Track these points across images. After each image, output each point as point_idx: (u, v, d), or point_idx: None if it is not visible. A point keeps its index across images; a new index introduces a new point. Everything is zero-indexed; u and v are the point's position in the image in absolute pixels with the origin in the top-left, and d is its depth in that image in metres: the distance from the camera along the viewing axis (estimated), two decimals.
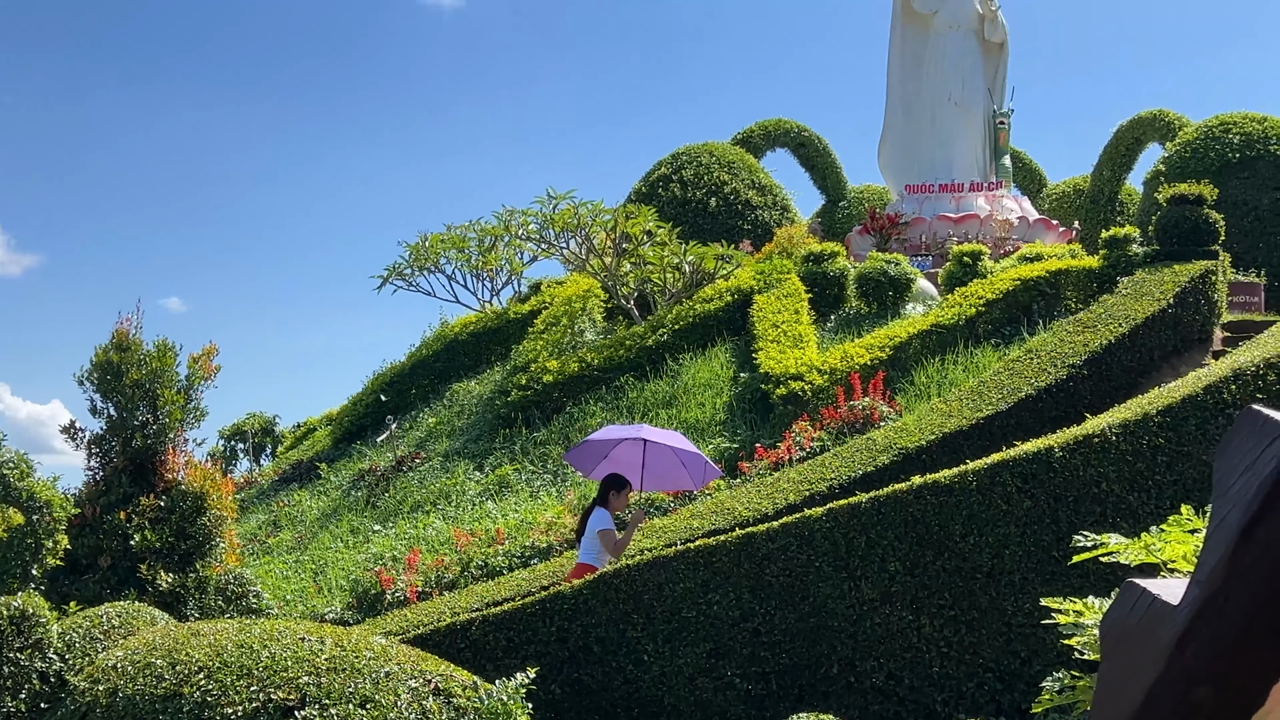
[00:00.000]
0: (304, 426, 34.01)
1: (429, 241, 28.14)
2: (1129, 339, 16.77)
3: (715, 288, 22.71)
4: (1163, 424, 11.94)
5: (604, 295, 24.82)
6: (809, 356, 18.41)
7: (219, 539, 13.01)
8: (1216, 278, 19.14)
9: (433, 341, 26.24)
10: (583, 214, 24.61)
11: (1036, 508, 11.25)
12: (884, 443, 14.57)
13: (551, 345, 22.00)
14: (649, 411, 18.98)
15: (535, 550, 14.61)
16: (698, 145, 34.22)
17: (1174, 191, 20.50)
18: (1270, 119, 28.07)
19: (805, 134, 38.72)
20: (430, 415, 22.80)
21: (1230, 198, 24.17)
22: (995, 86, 33.56)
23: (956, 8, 33.31)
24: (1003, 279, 20.24)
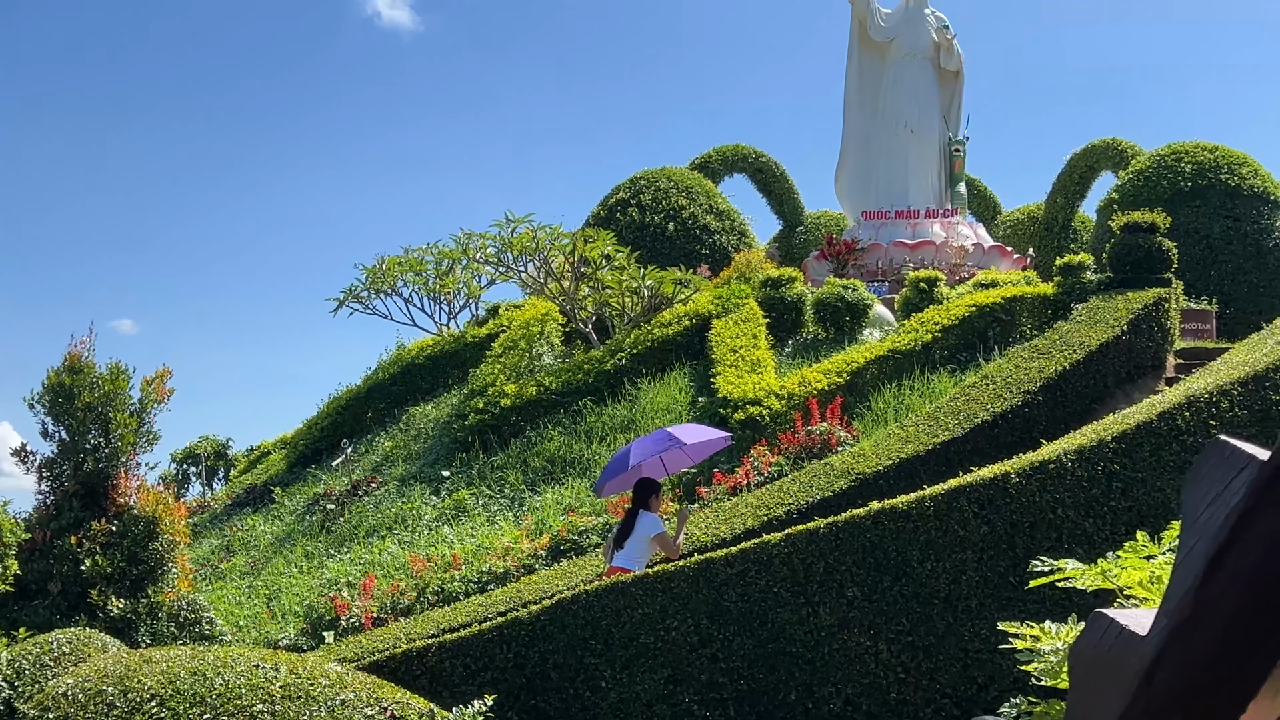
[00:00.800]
0: (258, 450, 33.73)
1: (386, 264, 28.02)
2: (1083, 365, 16.91)
3: (673, 312, 22.73)
4: (1118, 450, 12.05)
5: (562, 319, 24.79)
6: (767, 381, 18.45)
7: (171, 564, 12.85)
8: (1169, 305, 19.35)
9: (389, 365, 26.09)
10: (541, 237, 24.60)
11: (993, 533, 11.31)
12: (841, 468, 14.61)
13: (509, 369, 21.93)
14: (607, 436, 18.95)
15: (492, 575, 14.52)
16: (656, 170, 34.33)
17: (1127, 220, 20.73)
18: (1222, 148, 28.48)
19: (763, 159, 38.92)
20: (386, 439, 22.65)
21: (1182, 226, 24.48)
22: (950, 114, 33.89)
23: (912, 36, 33.63)
24: (959, 305, 20.38)
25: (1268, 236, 26.65)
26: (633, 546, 11.90)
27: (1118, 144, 33.78)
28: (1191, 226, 25.78)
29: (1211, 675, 1.86)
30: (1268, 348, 13.87)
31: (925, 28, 33.69)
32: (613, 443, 18.64)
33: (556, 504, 17.00)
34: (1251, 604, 1.83)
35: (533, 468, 18.64)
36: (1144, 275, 19.81)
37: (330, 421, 24.90)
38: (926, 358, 19.18)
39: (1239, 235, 26.47)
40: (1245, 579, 1.83)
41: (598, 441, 18.85)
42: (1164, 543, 7.43)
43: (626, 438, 18.67)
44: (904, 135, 33.06)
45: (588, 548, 14.62)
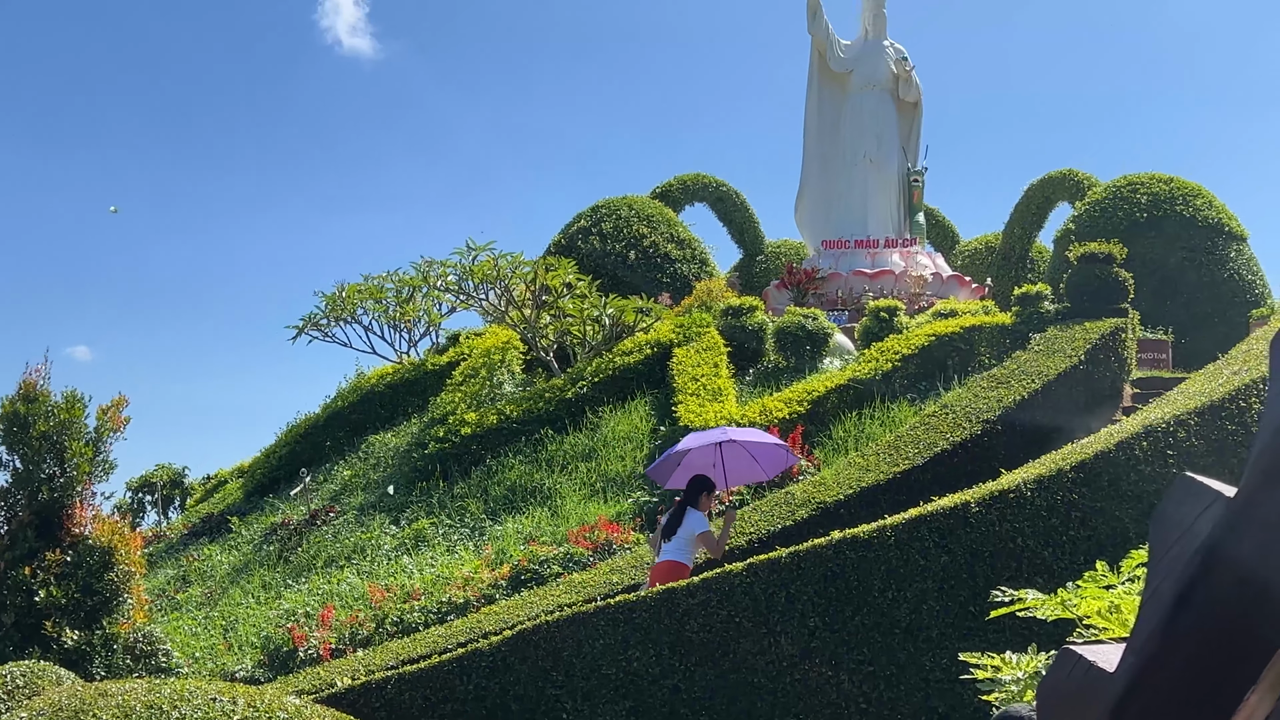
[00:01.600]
0: (214, 479, 33.41)
1: (346, 292, 27.89)
2: (1042, 395, 17.04)
3: (635, 340, 22.74)
4: (1076, 480, 12.13)
5: (523, 347, 24.74)
6: (728, 410, 18.47)
7: (127, 595, 12.70)
8: (1126, 335, 19.54)
9: (348, 393, 25.93)
10: (502, 266, 24.57)
11: (954, 563, 11.34)
12: (802, 497, 14.63)
13: (470, 397, 21.86)
14: (568, 464, 18.90)
15: (452, 606, 14.42)
16: (617, 198, 34.39)
17: (1084, 250, 20.94)
18: (1177, 180, 28.84)
19: (724, 189, 39.05)
20: (345, 468, 22.49)
21: (1139, 256, 24.74)
22: (909, 145, 34.15)
23: (871, 68, 33.90)
24: (918, 335, 20.50)
25: (1222, 267, 26.98)
26: (679, 541, 12.18)
27: (1074, 175, 34.12)
28: (1148, 257, 26.06)
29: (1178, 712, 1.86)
30: (1223, 378, 14.02)
31: (884, 59, 33.97)
32: (574, 471, 18.60)
33: (517, 533, 16.93)
34: (1218, 641, 1.84)
35: (493, 497, 18.56)
36: (1101, 305, 20.00)
37: (288, 450, 24.70)
38: (887, 387, 19.26)
39: (1194, 266, 26.78)
40: (1211, 616, 1.83)
41: (559, 470, 18.80)
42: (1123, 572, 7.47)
43: (588, 466, 18.64)
44: (863, 165, 33.27)
45: (549, 577, 14.55)
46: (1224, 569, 1.84)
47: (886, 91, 33.85)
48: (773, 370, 22.16)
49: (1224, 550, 1.84)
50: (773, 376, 21.74)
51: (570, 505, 17.53)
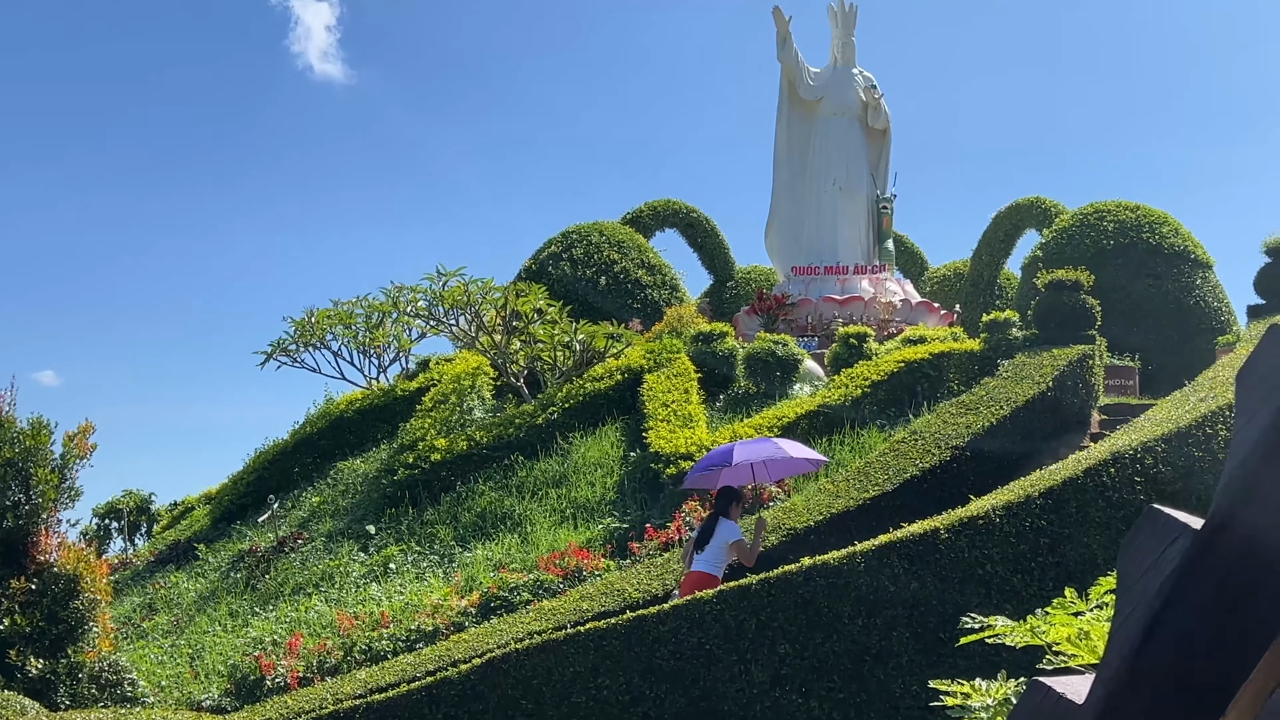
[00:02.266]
0: (181, 505, 33.12)
1: (315, 317, 27.79)
2: (1010, 421, 17.12)
3: (605, 366, 22.73)
4: (1045, 506, 12.19)
5: (493, 373, 24.69)
6: (699, 436, 18.48)
7: (92, 623, 12.57)
8: (1093, 362, 19.67)
9: (317, 419, 25.79)
10: (473, 291, 24.54)
11: (924, 589, 11.37)
12: (773, 523, 14.63)
13: (440, 423, 21.79)
14: (539, 491, 18.85)
15: (421, 634, 14.34)
16: (588, 224, 34.44)
17: (1052, 277, 21.08)
18: (1143, 207, 29.11)
19: (694, 215, 39.16)
20: (314, 494, 22.35)
21: (1105, 283, 24.92)
22: (878, 172, 34.36)
23: (840, 95, 34.13)
24: (887, 361, 20.58)
25: (1188, 294, 27.22)
26: (712, 551, 12.34)
27: (1041, 202, 34.38)
28: (1114, 284, 26.27)
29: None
30: (1190, 405, 14.14)
31: (853, 87, 34.20)
32: (544, 498, 18.56)
33: (487, 560, 16.86)
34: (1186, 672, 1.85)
35: (463, 523, 18.49)
36: (1069, 332, 20.14)
37: (256, 476, 24.53)
38: (856, 412, 19.31)
39: (1160, 293, 27.01)
40: (1179, 647, 1.84)
41: (529, 497, 18.75)
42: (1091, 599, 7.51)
43: (559, 493, 18.60)
44: (833, 192, 33.44)
45: (519, 605, 14.50)
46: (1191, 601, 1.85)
47: (855, 119, 34.08)
48: (743, 396, 22.19)
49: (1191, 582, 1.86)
50: (743, 402, 21.77)
51: (540, 532, 17.48)
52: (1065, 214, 31.01)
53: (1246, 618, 1.83)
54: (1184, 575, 1.85)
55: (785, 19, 33.96)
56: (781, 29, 33.97)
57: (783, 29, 33.97)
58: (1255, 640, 1.83)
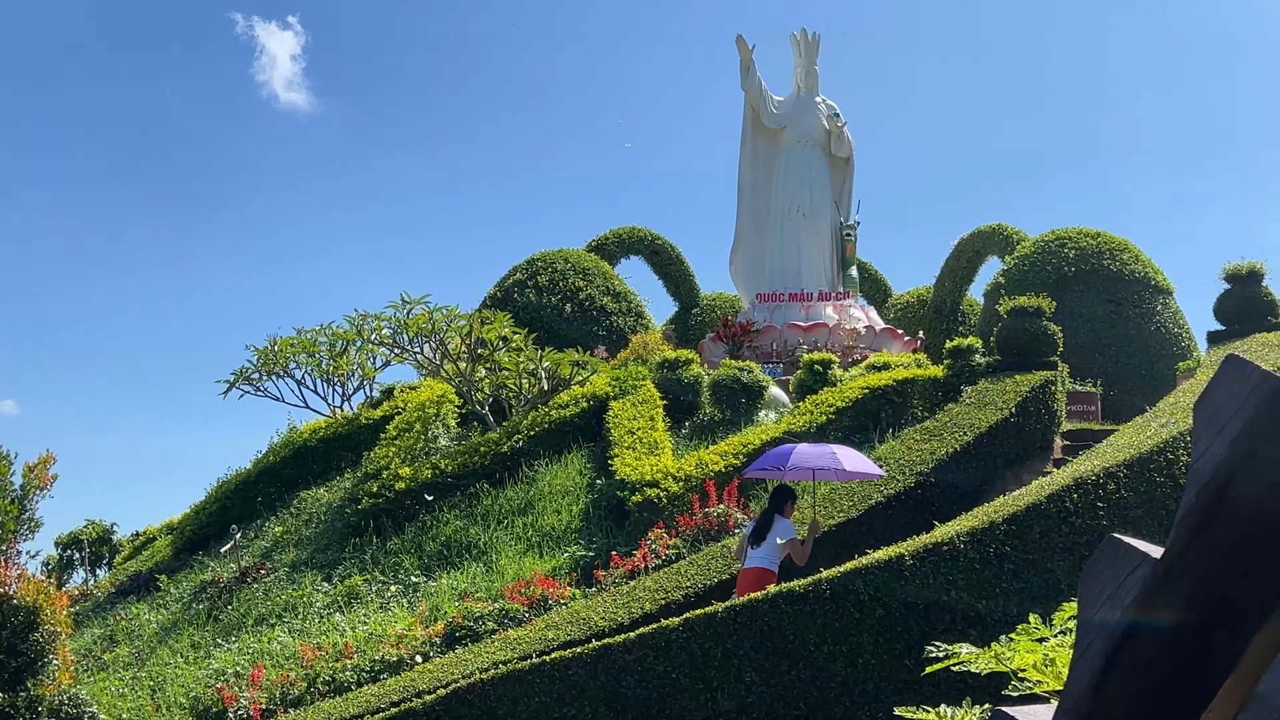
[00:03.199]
0: (143, 535, 32.81)
1: (278, 345, 27.62)
2: (974, 447, 17.19)
3: (571, 394, 22.70)
4: (1009, 532, 12.24)
5: (458, 401, 24.60)
6: (664, 463, 18.47)
7: (52, 656, 12.40)
8: (1056, 388, 19.80)
9: (280, 447, 25.61)
10: (437, 319, 24.48)
11: (889, 616, 11.38)
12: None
13: (404, 451, 21.67)
14: (504, 519, 18.77)
15: (385, 664, 14.22)
16: (553, 251, 34.46)
17: (1014, 304, 21.21)
18: (1104, 234, 29.38)
19: (659, 242, 39.24)
20: (277, 524, 22.18)
21: (1067, 309, 25.13)
22: (842, 199, 34.57)
23: (804, 123, 34.33)
24: (852, 387, 20.64)
25: (1149, 320, 27.46)
26: (768, 547, 12.91)
27: (1003, 229, 34.63)
28: (1076, 310, 26.48)
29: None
30: (1151, 430, 14.25)
31: (816, 115, 34.42)
32: (510, 526, 18.48)
33: (452, 590, 16.76)
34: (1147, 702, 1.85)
35: (428, 552, 18.38)
36: (1031, 358, 20.26)
37: (219, 506, 24.33)
38: (822, 439, 19.32)
39: (1121, 319, 27.24)
40: (1140, 678, 1.85)
41: (495, 525, 18.67)
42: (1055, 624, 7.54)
43: (524, 521, 18.54)
44: (797, 219, 33.59)
45: (484, 634, 14.41)
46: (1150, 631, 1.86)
47: (819, 147, 34.29)
48: (709, 423, 22.19)
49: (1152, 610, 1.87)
50: (709, 429, 21.77)
51: (506, 560, 17.40)
52: (1027, 241, 31.25)
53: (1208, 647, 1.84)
54: (1144, 606, 1.86)
55: (748, 47, 34.18)
56: (745, 57, 34.18)
57: (746, 57, 34.18)
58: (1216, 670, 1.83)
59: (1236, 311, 20.46)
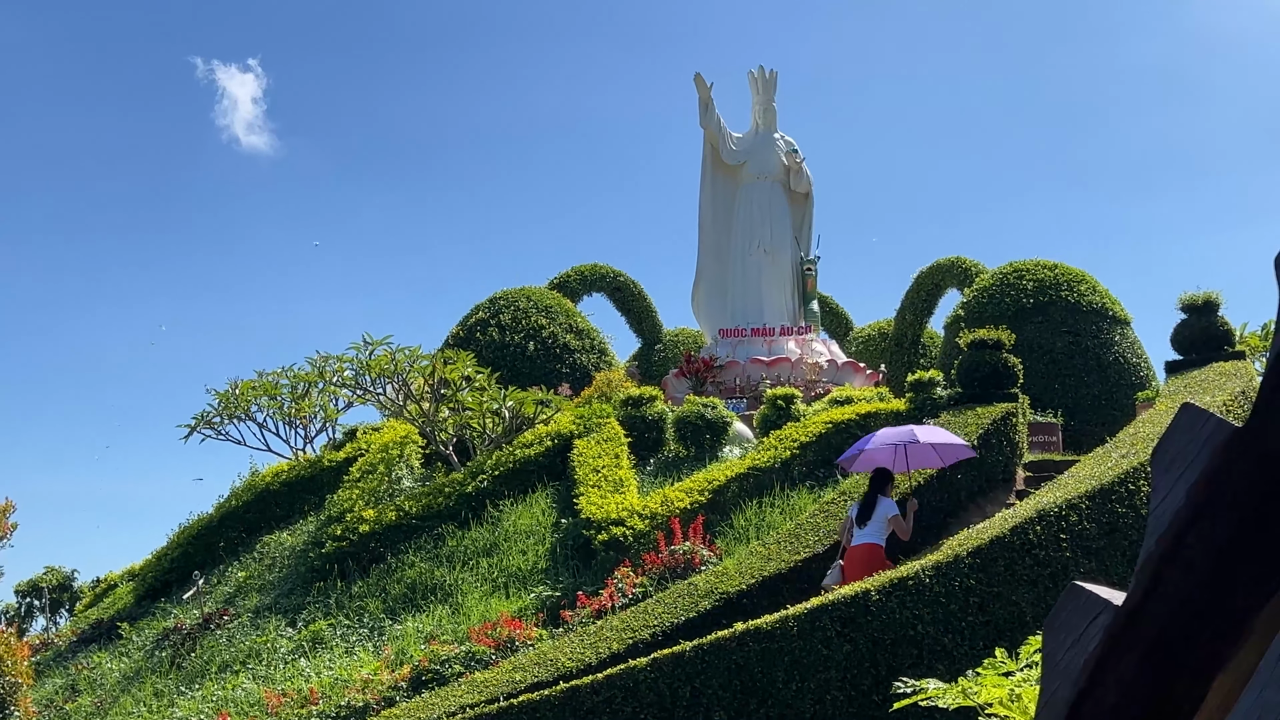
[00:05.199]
0: (104, 582, 32.39)
1: (240, 388, 27.45)
2: (937, 480, 17.27)
3: (535, 433, 22.66)
4: (973, 565, 12.30)
5: (422, 441, 24.49)
6: (630, 501, 18.45)
7: (13, 708, 12.25)
8: (1017, 419, 19.93)
9: (242, 491, 25.39)
10: (400, 360, 24.40)
11: (856, 652, 11.40)
12: (705, 588, 14.61)
13: (368, 494, 21.54)
14: (469, 560, 18.68)
15: (351, 709, 14.10)
16: (515, 289, 34.44)
17: (974, 337, 21.36)
18: (1061, 266, 29.67)
19: (621, 278, 39.33)
20: (240, 569, 21.97)
21: (1026, 341, 25.33)
22: (802, 234, 34.78)
23: (763, 160, 34.57)
24: (815, 422, 20.71)
25: (1108, 351, 27.70)
26: (875, 525, 14.18)
27: (962, 262, 34.89)
28: (1035, 342, 26.69)
29: None
30: (1112, 461, 14.36)
31: (775, 151, 34.68)
32: (475, 567, 18.39)
33: (418, 633, 16.64)
34: None
35: (393, 595, 18.26)
36: (992, 390, 20.40)
37: (181, 552, 24.08)
38: (786, 474, 19.39)
39: (1080, 350, 27.46)
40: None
41: (460, 566, 18.57)
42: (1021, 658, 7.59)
43: (490, 562, 18.46)
44: (758, 255, 33.78)
45: (450, 677, 14.31)
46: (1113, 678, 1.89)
47: (778, 183, 34.52)
48: (674, 460, 22.21)
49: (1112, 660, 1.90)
50: (674, 466, 21.78)
51: (472, 602, 17.31)
52: (985, 273, 31.50)
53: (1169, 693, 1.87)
54: (1107, 653, 1.90)
55: (707, 85, 34.43)
56: (703, 95, 34.41)
57: (704, 95, 34.41)
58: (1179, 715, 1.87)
59: (1193, 341, 20.69)
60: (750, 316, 33.02)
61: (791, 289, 33.99)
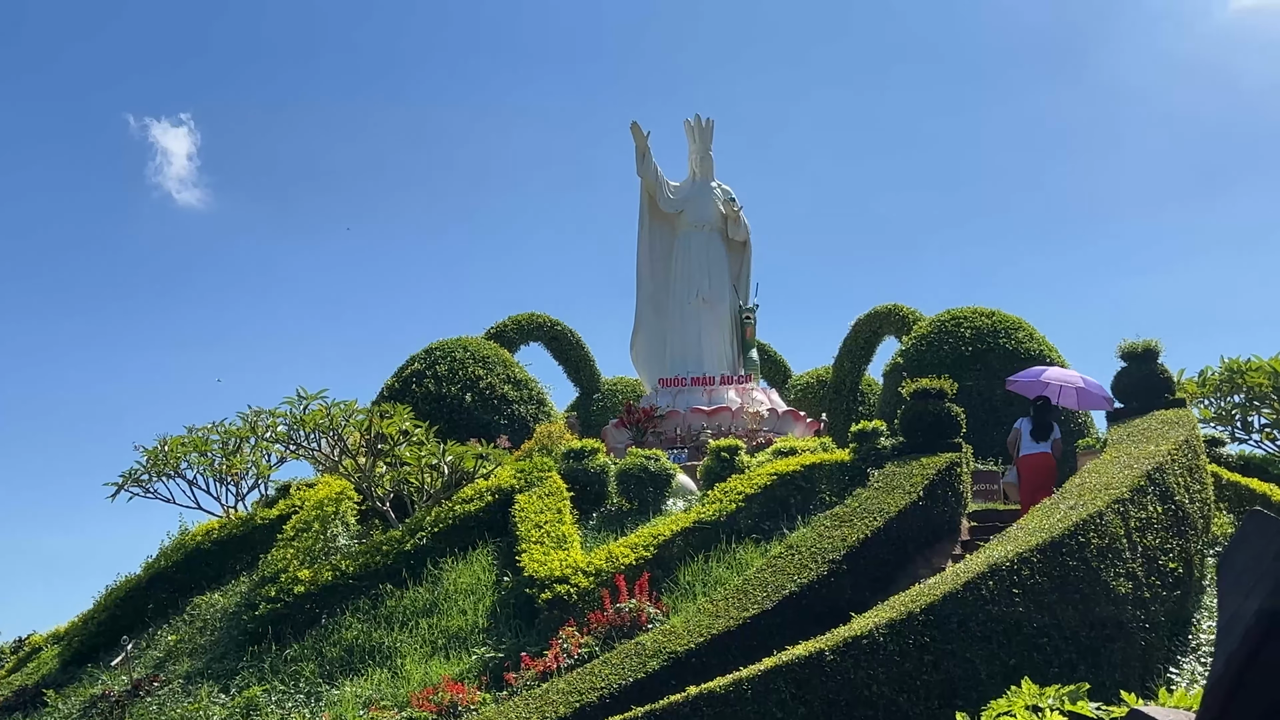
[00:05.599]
0: (28, 645, 31.35)
1: (169, 445, 26.76)
2: (884, 532, 17.12)
3: (475, 487, 22.23)
4: (927, 622, 12.11)
5: (358, 497, 23.94)
6: (574, 558, 18.11)
7: None
8: (961, 469, 19.87)
9: (172, 551, 24.65)
10: (335, 414, 23.89)
11: (811, 714, 11.15)
12: (653, 647, 14.30)
13: (303, 553, 20.97)
14: (409, 621, 18.20)
15: None
16: (451, 340, 34.05)
17: (917, 387, 21.31)
18: (998, 313, 29.83)
19: (558, 327, 39.09)
20: (170, 632, 21.27)
21: (965, 389, 25.32)
22: (740, 283, 34.77)
23: (700, 209, 34.57)
24: (760, 474, 20.51)
25: None
26: (1052, 441, 19.35)
27: (899, 310, 35.00)
28: (974, 390, 26.73)
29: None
30: (1060, 513, 14.25)
31: (712, 200, 34.69)
32: (415, 628, 17.92)
33: (356, 697, 16.15)
34: None
35: (330, 659, 17.72)
36: (935, 440, 20.33)
37: (108, 615, 23.29)
38: (732, 528, 19.16)
39: (1020, 398, 27.46)
40: None
41: (399, 628, 18.09)
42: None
43: (430, 622, 18.00)
44: (696, 304, 33.70)
45: None
46: None
47: (716, 231, 34.52)
48: (617, 513, 21.90)
49: None
50: (617, 519, 21.47)
51: (412, 665, 16.84)
52: (923, 321, 31.60)
53: None
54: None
55: (644, 134, 34.44)
56: (640, 144, 34.40)
57: (641, 144, 34.40)
58: None
59: (1135, 389, 20.75)
60: (690, 365, 32.89)
61: (731, 337, 33.94)
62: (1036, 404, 19.75)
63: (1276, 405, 29.70)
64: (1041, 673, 12.06)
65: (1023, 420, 19.76)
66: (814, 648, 11.62)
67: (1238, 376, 29.79)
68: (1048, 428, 19.35)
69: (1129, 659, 13.19)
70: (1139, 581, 13.84)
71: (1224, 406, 30.41)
